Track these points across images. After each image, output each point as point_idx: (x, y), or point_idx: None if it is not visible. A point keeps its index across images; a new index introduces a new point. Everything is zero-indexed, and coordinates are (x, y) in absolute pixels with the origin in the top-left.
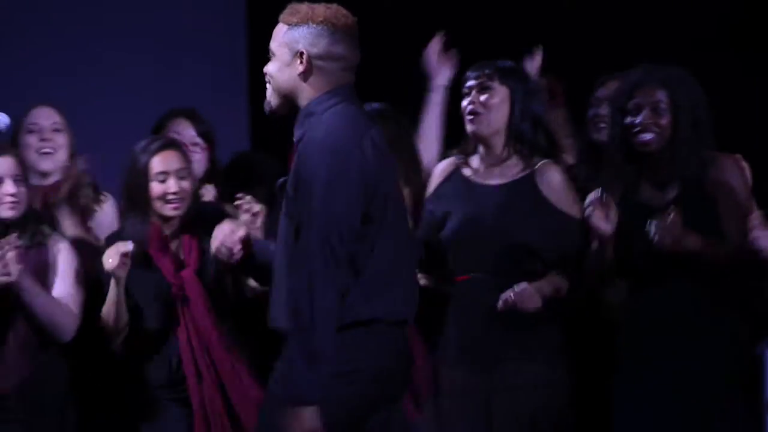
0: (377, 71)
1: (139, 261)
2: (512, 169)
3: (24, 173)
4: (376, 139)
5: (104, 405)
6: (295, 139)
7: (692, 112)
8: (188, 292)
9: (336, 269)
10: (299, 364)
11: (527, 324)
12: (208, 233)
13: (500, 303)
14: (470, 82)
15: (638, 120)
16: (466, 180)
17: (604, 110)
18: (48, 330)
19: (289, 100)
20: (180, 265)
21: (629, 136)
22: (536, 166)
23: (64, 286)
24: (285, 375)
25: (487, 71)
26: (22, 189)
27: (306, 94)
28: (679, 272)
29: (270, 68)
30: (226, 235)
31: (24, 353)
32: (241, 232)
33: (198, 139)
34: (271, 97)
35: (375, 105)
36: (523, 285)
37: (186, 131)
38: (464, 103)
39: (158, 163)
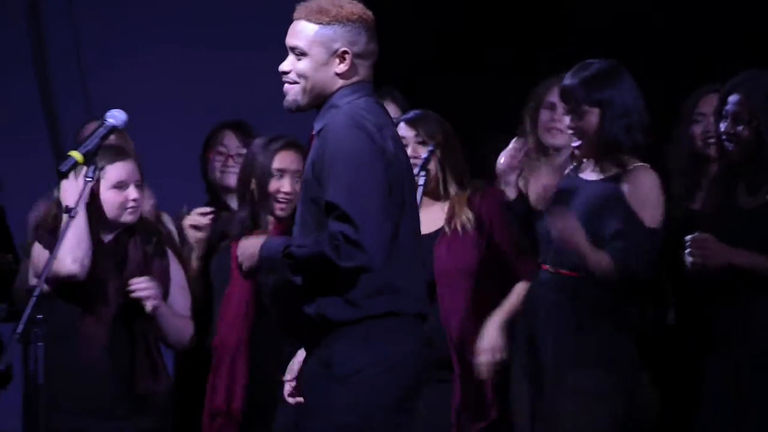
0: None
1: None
2: (607, 168)
3: (143, 179)
4: (395, 133)
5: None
6: (315, 131)
7: None
8: (230, 286)
9: (383, 221)
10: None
11: (591, 325)
12: None
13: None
14: (562, 105)
15: (722, 128)
16: (573, 172)
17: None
18: (172, 344)
19: (319, 98)
20: None
21: (722, 143)
22: (629, 167)
23: (182, 296)
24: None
25: (574, 92)
26: (142, 195)
27: (334, 90)
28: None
29: (302, 67)
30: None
31: (163, 357)
32: None
33: (243, 150)
34: (297, 96)
35: (416, 111)
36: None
37: (231, 143)
38: (565, 122)
39: (279, 160)
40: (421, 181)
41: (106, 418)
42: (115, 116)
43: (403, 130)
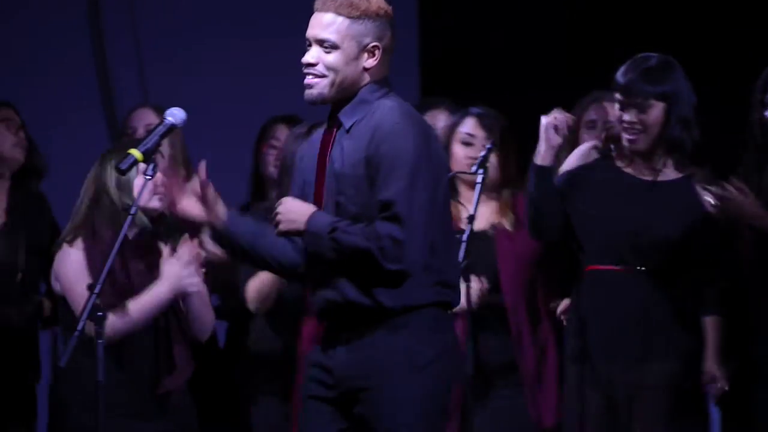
0: None
1: None
2: (669, 170)
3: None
4: (434, 131)
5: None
6: (345, 126)
7: None
8: None
9: (429, 227)
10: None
11: (668, 323)
12: None
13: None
14: (623, 97)
15: (765, 114)
16: (616, 169)
17: None
18: (196, 332)
19: (346, 92)
20: None
21: (765, 129)
22: (693, 174)
23: (205, 289)
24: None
25: (639, 85)
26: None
27: (361, 85)
28: None
29: (332, 61)
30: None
31: (188, 353)
32: None
33: None
34: (324, 89)
35: (479, 107)
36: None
37: (283, 136)
38: (622, 116)
39: None
40: (479, 179)
41: (133, 419)
42: (175, 114)
43: (473, 127)
